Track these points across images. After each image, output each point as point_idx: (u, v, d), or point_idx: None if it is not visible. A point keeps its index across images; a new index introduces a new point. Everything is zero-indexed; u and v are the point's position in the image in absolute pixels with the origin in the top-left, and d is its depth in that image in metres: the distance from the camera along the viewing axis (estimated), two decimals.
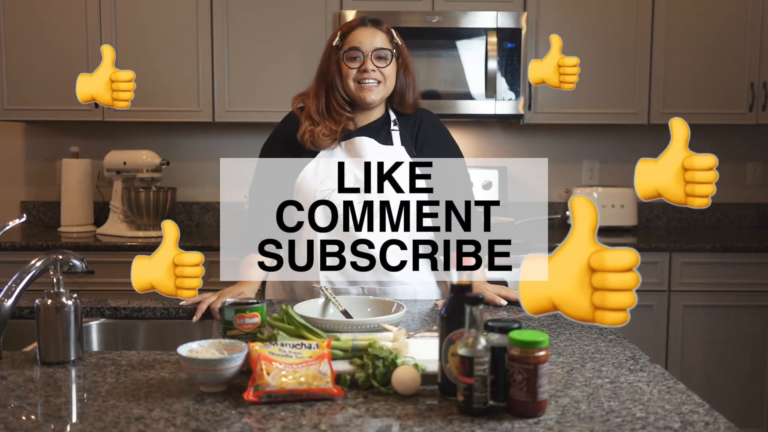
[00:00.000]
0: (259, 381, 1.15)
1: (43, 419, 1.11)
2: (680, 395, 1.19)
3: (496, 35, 3.26)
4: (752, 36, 3.37)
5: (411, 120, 1.99)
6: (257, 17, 3.32)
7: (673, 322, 3.16)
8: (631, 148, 3.75)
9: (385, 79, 1.90)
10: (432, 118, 2.04)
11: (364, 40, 1.89)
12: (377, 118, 1.97)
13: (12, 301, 1.39)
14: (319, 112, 1.91)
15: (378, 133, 1.94)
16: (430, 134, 1.98)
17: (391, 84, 1.92)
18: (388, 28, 1.95)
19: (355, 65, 1.88)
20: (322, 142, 1.89)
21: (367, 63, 1.87)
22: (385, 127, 1.96)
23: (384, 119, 1.97)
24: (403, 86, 1.95)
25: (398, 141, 1.94)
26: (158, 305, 1.83)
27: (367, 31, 1.90)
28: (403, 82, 1.95)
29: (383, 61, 1.89)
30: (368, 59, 1.88)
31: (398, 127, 1.96)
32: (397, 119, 1.98)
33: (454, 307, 1.15)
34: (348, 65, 1.89)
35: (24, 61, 3.32)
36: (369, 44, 1.88)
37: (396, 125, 1.96)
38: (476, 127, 3.75)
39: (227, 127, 3.61)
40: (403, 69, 1.95)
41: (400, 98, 1.97)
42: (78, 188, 3.41)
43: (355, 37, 1.90)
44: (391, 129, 1.95)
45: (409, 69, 1.97)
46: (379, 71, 1.88)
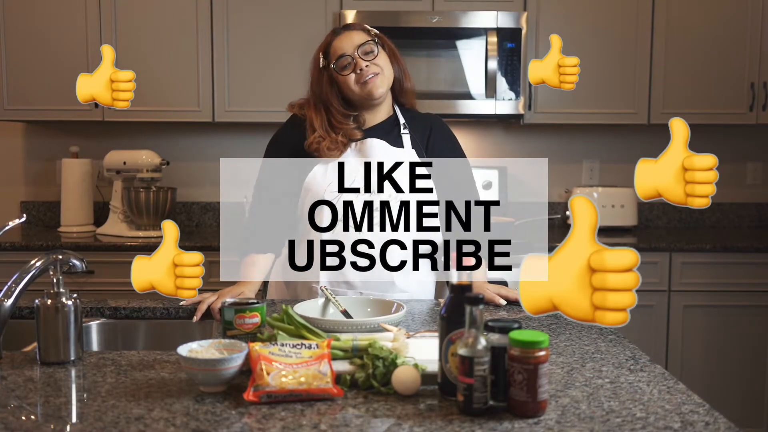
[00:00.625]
0: (259, 381, 1.15)
1: (43, 419, 1.11)
2: (680, 395, 1.19)
3: (496, 35, 3.26)
4: (752, 36, 3.37)
5: (421, 125, 2.00)
6: (257, 17, 3.32)
7: (673, 322, 3.15)
8: (631, 148, 3.75)
9: (382, 69, 1.90)
10: (443, 126, 2.05)
11: (345, 44, 1.90)
12: (385, 119, 1.97)
13: (12, 301, 1.39)
14: (323, 128, 1.92)
15: (388, 135, 1.94)
16: (442, 145, 2.00)
17: (389, 72, 1.93)
18: (362, 25, 1.97)
19: (348, 71, 1.89)
20: (330, 154, 1.90)
21: (358, 62, 1.88)
22: (395, 130, 1.96)
23: (392, 120, 1.98)
24: (398, 74, 1.97)
25: (409, 144, 1.95)
26: (158, 305, 1.83)
27: (343, 36, 1.92)
28: (396, 71, 1.96)
29: (371, 55, 1.90)
30: (357, 58, 1.88)
31: (408, 131, 1.97)
32: (406, 123, 1.98)
33: (454, 307, 1.15)
34: (342, 74, 1.89)
35: (24, 61, 3.32)
36: (350, 45, 1.89)
37: (406, 129, 1.97)
38: (476, 127, 3.75)
39: (227, 127, 3.61)
40: (393, 58, 1.96)
41: (399, 87, 1.98)
42: (78, 188, 3.41)
43: (336, 46, 1.91)
44: (402, 133, 1.96)
45: (397, 56, 1.98)
46: (372, 64, 1.88)
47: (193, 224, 3.75)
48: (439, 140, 2.00)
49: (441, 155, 1.97)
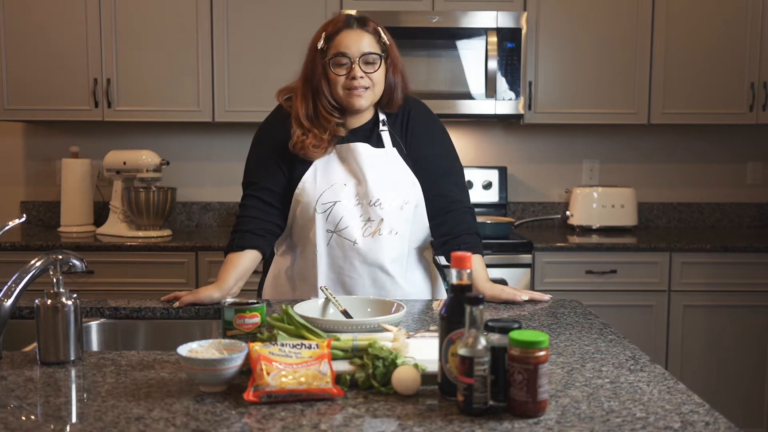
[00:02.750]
0: (259, 381, 1.15)
1: (43, 419, 1.11)
2: (680, 395, 1.19)
3: (496, 35, 3.26)
4: (752, 36, 3.37)
5: (399, 117, 1.93)
6: (257, 17, 3.32)
7: (673, 322, 3.15)
8: (631, 148, 3.75)
9: (373, 85, 1.82)
10: (419, 110, 1.97)
11: (350, 45, 1.79)
12: (367, 121, 1.91)
13: (12, 301, 1.39)
14: (308, 118, 1.84)
15: (370, 137, 1.89)
16: (418, 130, 1.93)
17: (379, 89, 1.85)
18: (375, 28, 1.84)
19: (342, 72, 1.80)
20: (314, 153, 1.83)
21: (355, 70, 1.79)
22: (375, 129, 1.91)
23: (374, 120, 1.92)
24: (392, 86, 1.87)
25: (389, 143, 1.89)
26: (158, 305, 1.83)
27: (353, 34, 1.80)
28: (391, 82, 1.87)
29: (371, 66, 1.80)
30: (356, 65, 1.79)
31: (387, 127, 1.91)
32: (385, 119, 1.92)
33: (454, 307, 1.15)
34: (335, 72, 1.80)
35: (24, 61, 3.32)
36: (356, 49, 1.79)
37: (384, 125, 1.91)
38: (476, 127, 3.75)
39: (227, 127, 3.62)
40: (392, 69, 1.87)
41: (388, 98, 1.89)
42: (78, 188, 3.41)
43: (341, 41, 1.80)
44: (380, 130, 1.90)
45: (398, 67, 1.88)
46: (367, 77, 1.80)
47: (193, 224, 3.75)
48: (416, 126, 1.93)
49: (419, 141, 1.91)
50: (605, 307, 3.04)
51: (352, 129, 1.90)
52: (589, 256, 3.12)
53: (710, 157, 3.77)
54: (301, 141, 1.83)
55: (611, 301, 3.10)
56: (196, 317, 1.81)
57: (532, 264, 3.11)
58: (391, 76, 1.87)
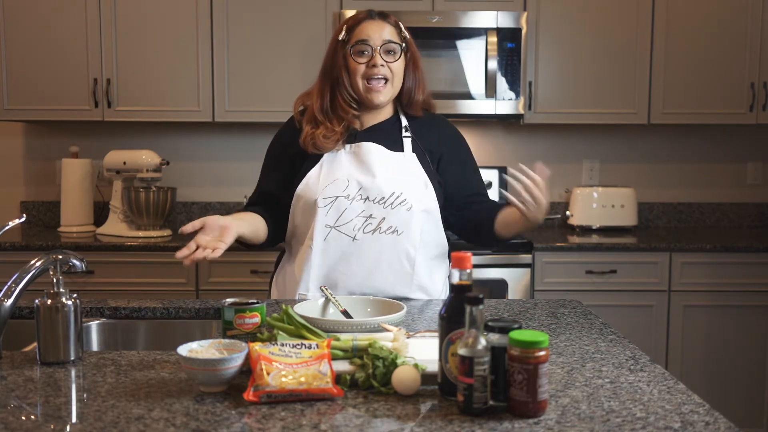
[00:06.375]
0: (259, 381, 1.15)
1: (43, 419, 1.11)
2: (680, 395, 1.19)
3: (496, 35, 3.26)
4: (752, 36, 3.37)
5: (425, 127, 1.93)
6: (257, 17, 3.32)
7: (673, 322, 3.15)
8: (631, 148, 3.75)
9: (393, 76, 1.83)
10: (449, 129, 2.00)
11: (372, 33, 1.82)
12: (385, 119, 1.91)
13: (12, 301, 1.39)
14: (323, 111, 1.85)
15: (386, 137, 1.87)
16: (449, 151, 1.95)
17: (398, 82, 1.86)
18: (396, 21, 1.88)
19: (363, 60, 1.81)
20: (325, 144, 1.83)
21: (375, 57, 1.80)
22: (395, 132, 1.89)
23: (393, 121, 1.91)
24: (411, 84, 1.88)
25: (409, 148, 1.88)
26: (158, 305, 1.83)
27: (374, 24, 1.83)
28: (411, 80, 1.88)
29: (392, 56, 1.83)
30: (377, 53, 1.81)
31: (411, 135, 1.90)
32: (408, 125, 1.91)
33: (454, 307, 1.15)
34: (356, 60, 1.82)
35: (24, 61, 3.32)
36: (377, 37, 1.81)
37: (408, 132, 1.90)
38: (476, 127, 3.75)
39: (227, 127, 3.62)
40: (412, 65, 1.88)
41: (408, 98, 1.90)
42: (78, 188, 3.41)
43: (362, 30, 1.82)
44: (403, 136, 1.89)
45: (419, 66, 1.90)
46: (387, 66, 1.82)
47: None
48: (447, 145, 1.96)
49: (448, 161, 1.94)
50: (605, 307, 3.04)
51: (367, 127, 1.89)
52: (589, 256, 3.12)
53: (710, 157, 3.77)
54: (312, 133, 1.84)
55: (611, 301, 3.10)
56: (196, 317, 1.81)
57: (532, 264, 3.11)
58: (411, 73, 1.89)
